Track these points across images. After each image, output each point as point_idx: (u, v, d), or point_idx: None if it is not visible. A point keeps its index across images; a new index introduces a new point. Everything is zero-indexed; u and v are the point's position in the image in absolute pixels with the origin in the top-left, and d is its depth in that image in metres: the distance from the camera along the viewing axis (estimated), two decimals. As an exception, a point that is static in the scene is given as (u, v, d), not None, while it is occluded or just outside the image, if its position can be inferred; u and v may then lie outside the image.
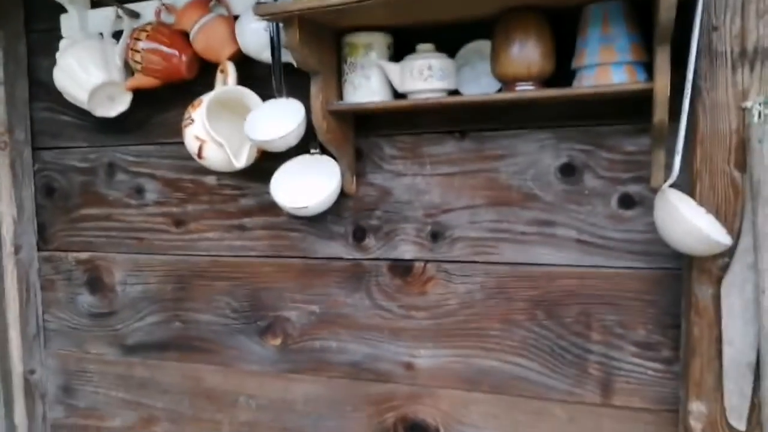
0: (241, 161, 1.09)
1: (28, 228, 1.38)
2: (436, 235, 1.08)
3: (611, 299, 0.99)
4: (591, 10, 0.89)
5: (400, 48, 1.02)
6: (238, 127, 1.06)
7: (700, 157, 0.88)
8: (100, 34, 1.21)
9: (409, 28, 1.01)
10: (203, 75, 1.14)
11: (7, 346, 1.37)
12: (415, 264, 1.10)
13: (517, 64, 0.91)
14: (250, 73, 1.09)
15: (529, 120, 1.01)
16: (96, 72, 1.16)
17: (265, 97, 1.07)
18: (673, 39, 0.81)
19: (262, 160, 1.11)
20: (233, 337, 1.23)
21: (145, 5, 1.18)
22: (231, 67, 1.10)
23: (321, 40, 1.00)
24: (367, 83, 1.02)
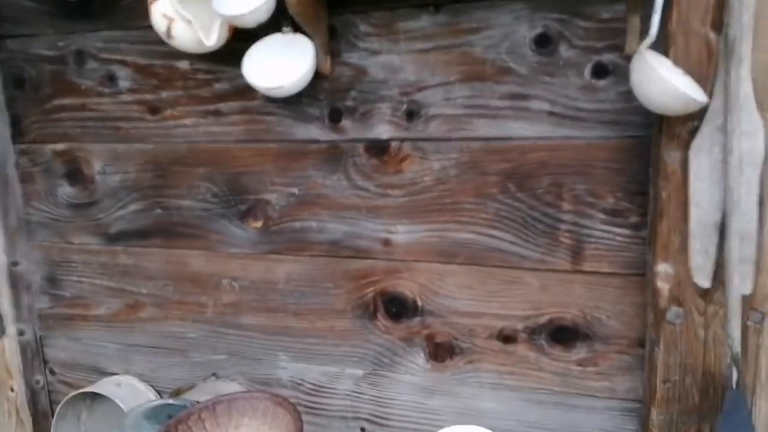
0: (211, 40, 1.06)
1: (1, 120, 1.36)
2: (411, 114, 1.08)
3: (582, 169, 1.01)
4: None
5: None
6: (207, 4, 1.03)
7: (676, 19, 0.87)
8: None
9: None
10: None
11: (-10, 240, 1.39)
12: (392, 143, 1.11)
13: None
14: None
15: (504, -11, 0.99)
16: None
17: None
18: None
19: (233, 41, 1.09)
20: (215, 222, 1.25)
21: None
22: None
23: None
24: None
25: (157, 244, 1.30)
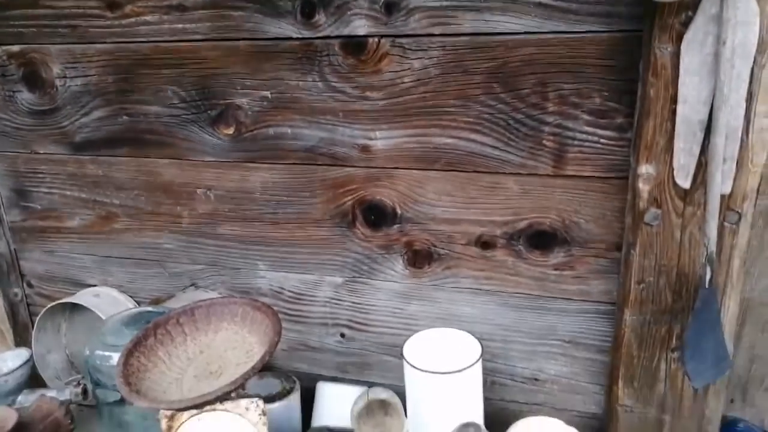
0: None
1: (-53, 20, 1.26)
2: (390, 7, 1.01)
3: (569, 67, 0.95)
4: None
5: None
6: None
7: None
8: None
9: None
10: None
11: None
12: (369, 40, 1.04)
13: None
14: None
15: None
16: None
17: None
18: None
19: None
20: (185, 129, 1.19)
21: None
22: None
23: None
24: None
25: (126, 153, 1.25)
